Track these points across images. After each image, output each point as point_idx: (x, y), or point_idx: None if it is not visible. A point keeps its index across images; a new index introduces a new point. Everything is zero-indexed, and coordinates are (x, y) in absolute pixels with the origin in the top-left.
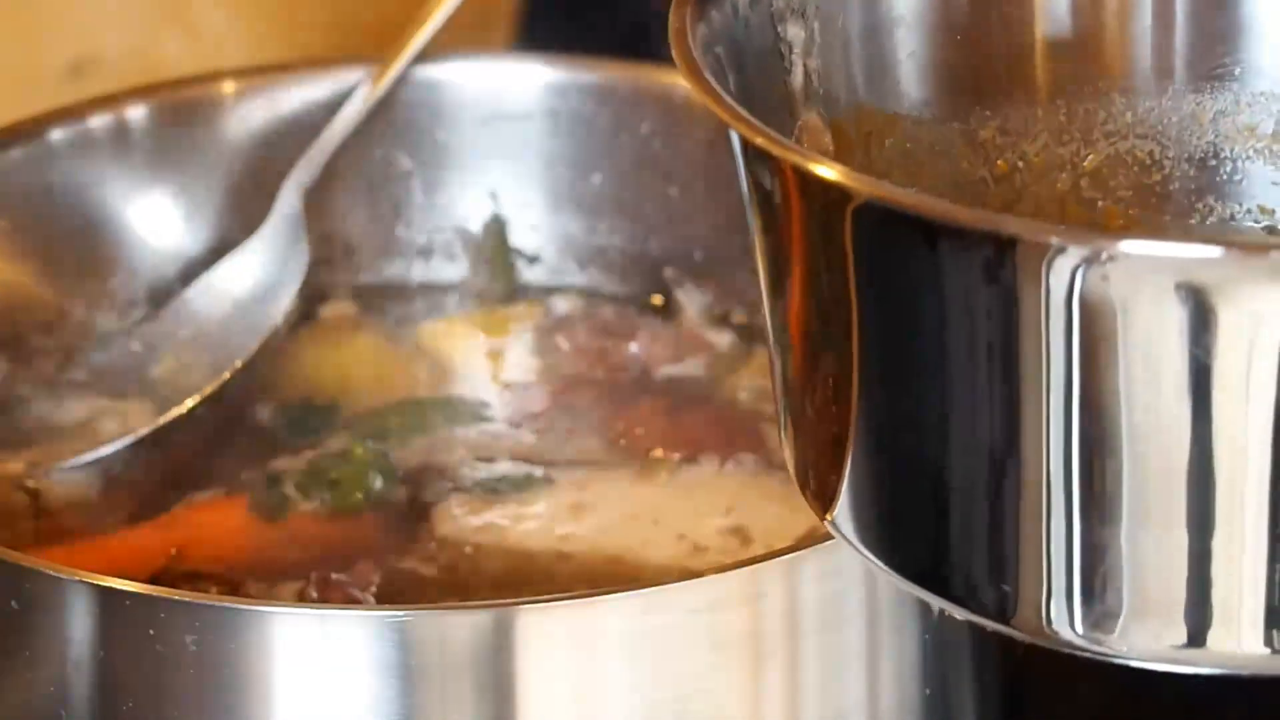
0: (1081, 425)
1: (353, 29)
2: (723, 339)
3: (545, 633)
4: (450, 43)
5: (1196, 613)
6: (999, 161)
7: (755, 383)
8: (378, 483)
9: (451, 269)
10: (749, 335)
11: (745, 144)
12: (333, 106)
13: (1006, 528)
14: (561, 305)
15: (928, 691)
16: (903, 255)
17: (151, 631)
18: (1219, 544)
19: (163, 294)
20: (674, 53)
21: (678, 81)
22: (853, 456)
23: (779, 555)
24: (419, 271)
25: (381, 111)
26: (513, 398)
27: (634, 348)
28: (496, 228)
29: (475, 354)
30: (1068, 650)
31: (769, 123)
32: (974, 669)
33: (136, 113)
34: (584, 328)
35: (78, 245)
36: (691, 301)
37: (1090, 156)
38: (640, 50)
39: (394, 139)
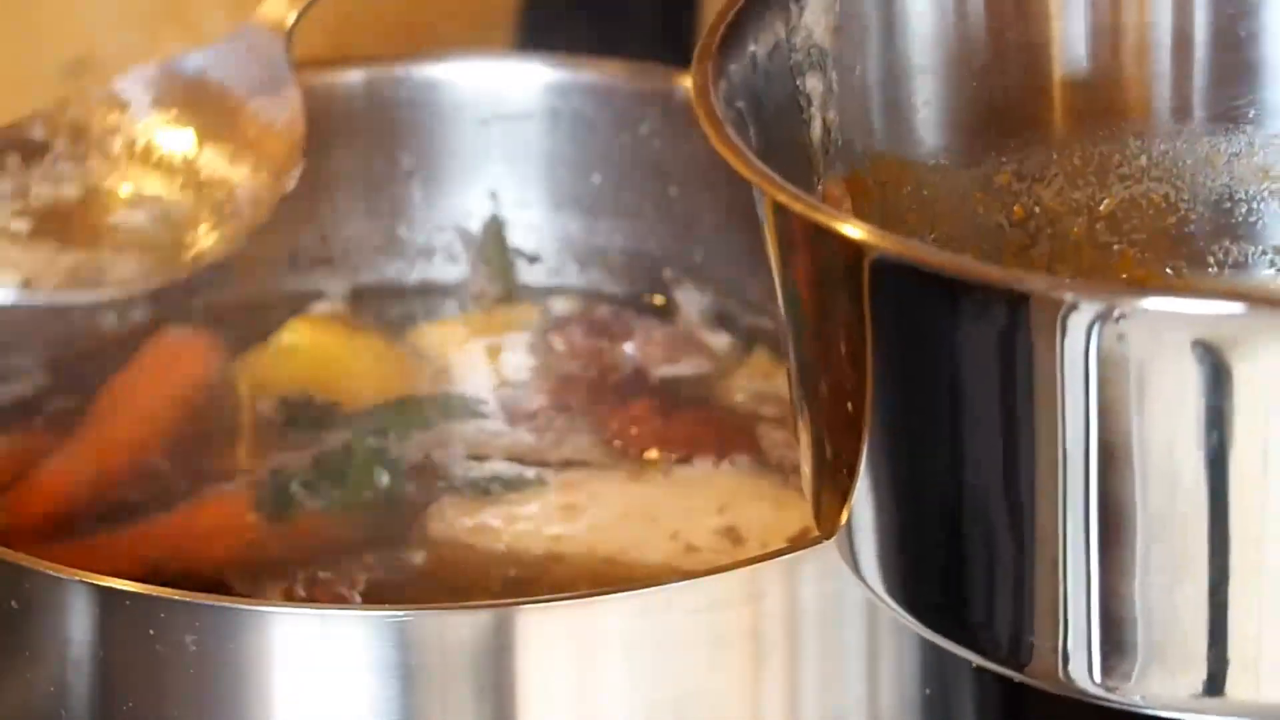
0: (1099, 478)
1: (353, 29)
2: (720, 340)
3: (545, 633)
4: (450, 43)
5: (1215, 662)
6: (1015, 207)
7: (752, 384)
8: (374, 479)
9: (451, 269)
10: (747, 336)
11: (768, 199)
12: (333, 106)
13: (1025, 580)
14: (560, 306)
15: (928, 691)
16: (919, 309)
17: (151, 631)
18: (1236, 595)
19: (162, 294)
20: (697, 108)
21: (678, 82)
22: (872, 505)
23: (779, 555)
24: (419, 271)
25: (381, 111)
26: (510, 397)
27: (631, 348)
28: (496, 228)
29: (474, 354)
30: (1085, 699)
31: (789, 174)
32: (974, 669)
33: None
34: (582, 328)
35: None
36: (691, 302)
37: (1105, 200)
38: (640, 50)
39: (394, 139)
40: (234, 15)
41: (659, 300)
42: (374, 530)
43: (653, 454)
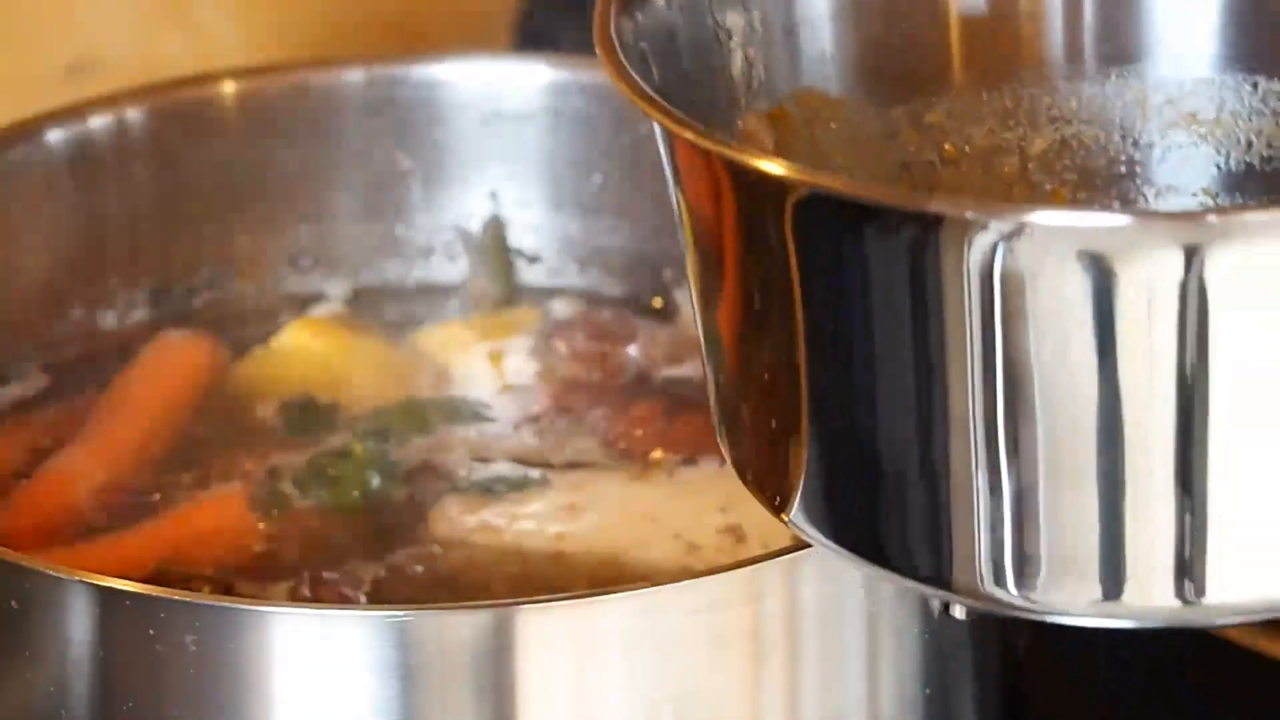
0: (1004, 392)
1: (353, 29)
2: None
3: (545, 633)
4: (450, 43)
5: (1111, 568)
6: (946, 146)
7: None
8: (375, 481)
9: (451, 269)
10: None
11: (670, 138)
12: (333, 106)
13: (939, 495)
14: (562, 307)
15: (928, 691)
16: (822, 234)
17: (151, 631)
18: (1129, 501)
19: (163, 294)
20: (597, 47)
21: None
22: (793, 442)
23: (779, 555)
24: (419, 272)
25: (381, 111)
26: (512, 399)
27: (633, 350)
28: (496, 228)
29: (475, 357)
30: (1003, 611)
31: (708, 111)
32: (974, 669)
33: (136, 113)
34: (584, 330)
35: (78, 245)
36: (691, 302)
37: (1037, 141)
38: None
39: (394, 139)
40: (234, 15)
41: (659, 301)
42: (378, 531)
43: (656, 455)
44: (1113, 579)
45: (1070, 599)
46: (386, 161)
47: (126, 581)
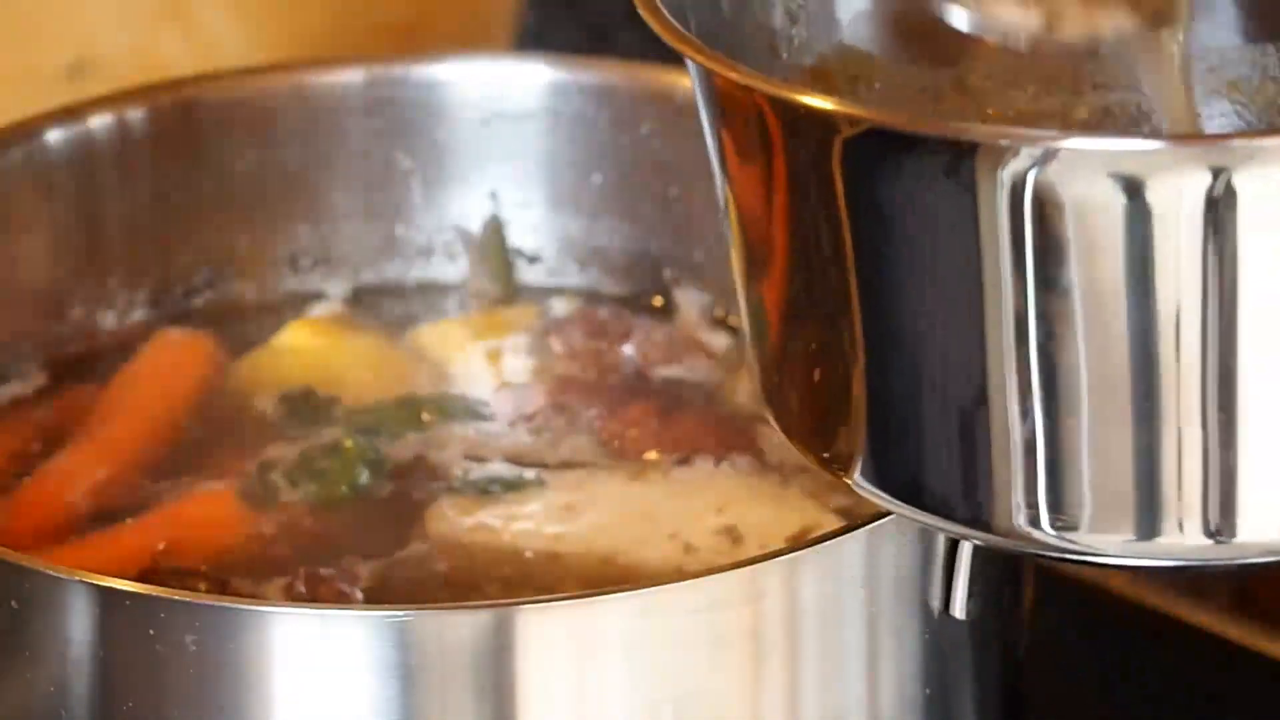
0: (1040, 329)
1: (353, 29)
2: (720, 340)
3: (545, 633)
4: (450, 43)
5: (1146, 506)
6: (989, 109)
7: (752, 384)
8: (364, 476)
9: (451, 269)
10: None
11: (710, 79)
12: (333, 106)
13: (979, 436)
14: (560, 306)
15: (928, 691)
16: (872, 170)
17: (151, 631)
18: (1163, 435)
19: (163, 294)
20: None
21: (678, 81)
22: (837, 387)
23: (779, 555)
24: (418, 271)
25: (381, 111)
26: (509, 398)
27: (630, 349)
28: (496, 228)
29: (473, 355)
30: (1040, 552)
31: (750, 63)
32: (974, 669)
33: (136, 113)
34: (581, 329)
35: (78, 245)
36: (691, 302)
37: (1080, 107)
38: (640, 50)
39: (394, 139)
40: (234, 15)
41: (659, 301)
42: (373, 527)
43: (652, 455)
44: (1148, 518)
45: (1106, 539)
46: (386, 161)
47: (126, 581)
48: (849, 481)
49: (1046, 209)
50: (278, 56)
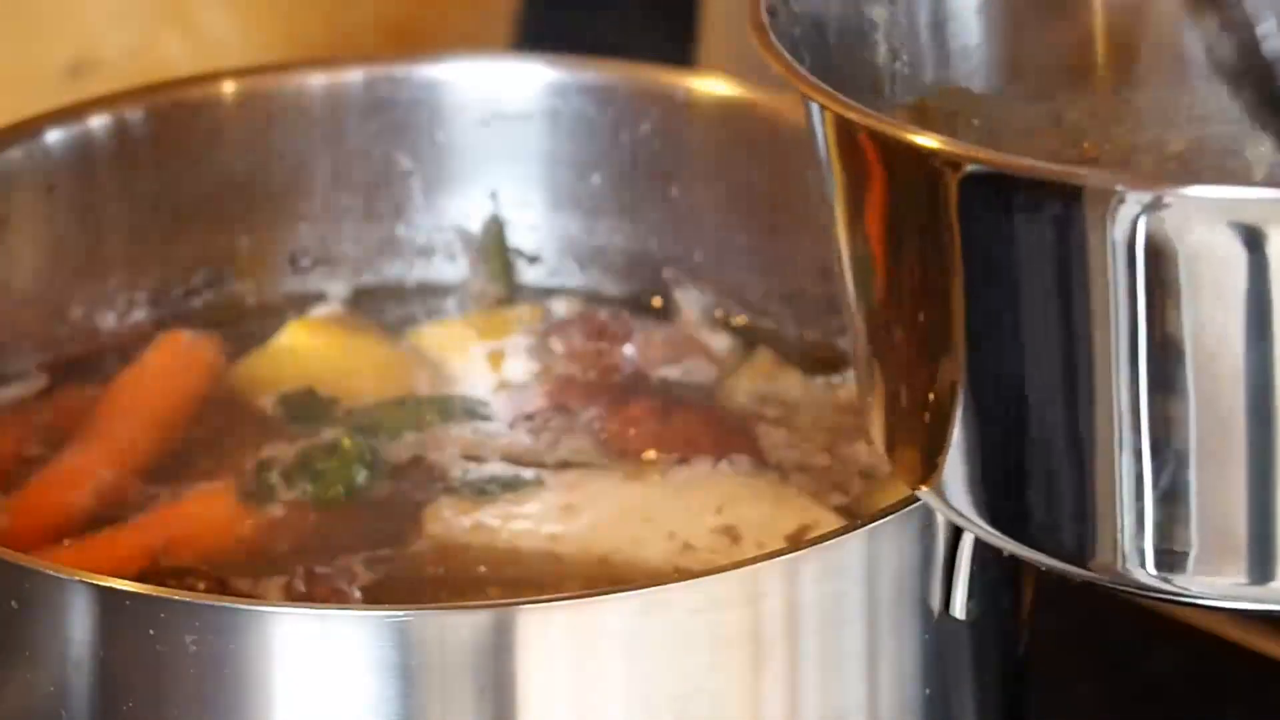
0: (1150, 370)
1: (353, 29)
2: (721, 341)
3: (545, 633)
4: (450, 43)
5: (1259, 550)
6: (1085, 144)
7: (752, 385)
8: (361, 476)
9: (451, 269)
10: (747, 337)
11: (828, 117)
12: (333, 106)
13: (1084, 475)
14: (560, 307)
15: (928, 691)
16: (979, 209)
17: (151, 631)
18: (1277, 480)
19: (163, 294)
20: (751, 31)
21: (677, 81)
22: (934, 409)
23: (779, 555)
24: (419, 272)
25: (381, 111)
26: (508, 398)
27: (630, 350)
28: (496, 228)
29: (474, 356)
30: (1142, 593)
31: (855, 99)
32: (974, 669)
33: (136, 113)
34: (581, 330)
35: (78, 245)
36: (691, 302)
37: (1175, 141)
38: (640, 50)
39: (394, 139)
40: (234, 15)
41: (659, 301)
42: (371, 527)
43: (650, 455)
44: (1261, 562)
45: (1214, 582)
46: (386, 161)
47: (126, 581)
48: (955, 515)
49: (1160, 255)
50: (278, 56)
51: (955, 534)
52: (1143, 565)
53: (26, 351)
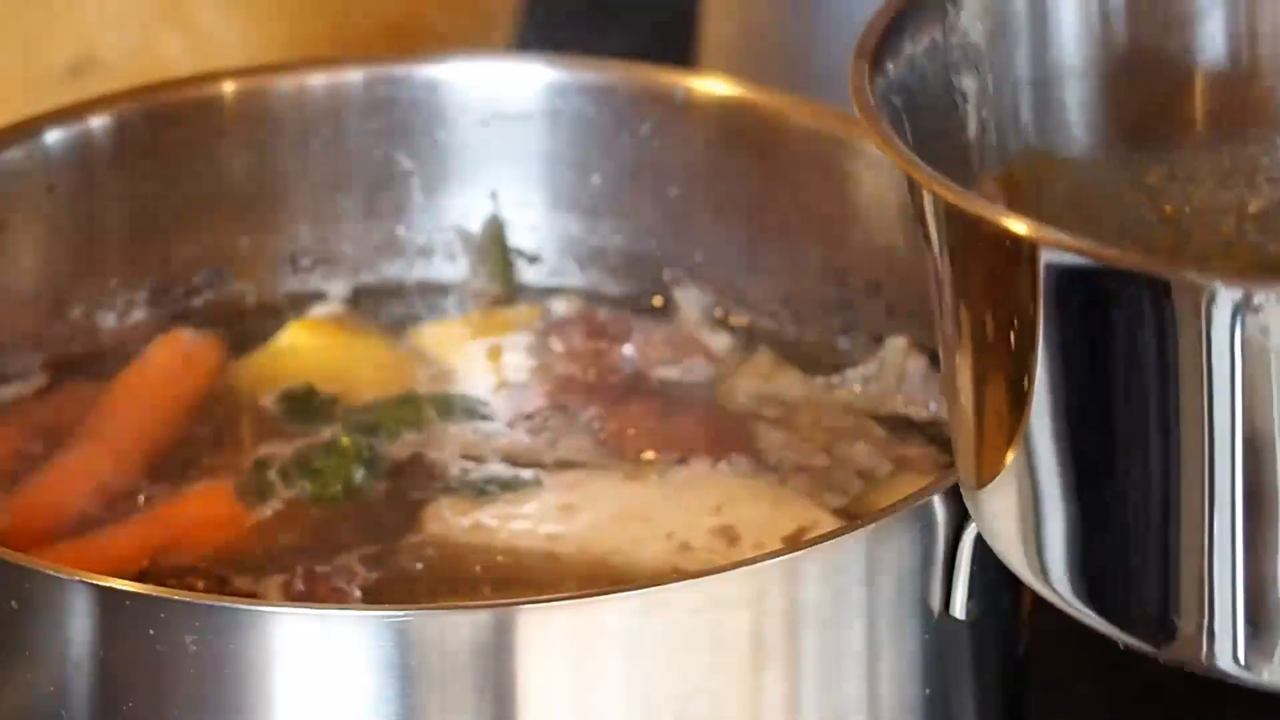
0: (1243, 462)
1: (353, 29)
2: (720, 341)
3: (545, 633)
4: (450, 43)
5: None
6: (1165, 206)
7: (752, 385)
8: (359, 475)
9: (451, 269)
10: (747, 337)
11: (928, 196)
12: (333, 106)
13: (1171, 561)
14: (560, 306)
15: (928, 691)
16: (1072, 297)
17: (151, 631)
18: None
19: (163, 294)
20: (856, 106)
21: (677, 81)
22: (1022, 485)
23: (779, 555)
24: (419, 271)
25: (381, 111)
26: (507, 397)
27: (630, 350)
28: (496, 228)
29: (473, 355)
30: (1222, 679)
31: (945, 171)
32: (974, 669)
33: (136, 113)
34: (581, 329)
35: (78, 245)
36: (691, 302)
37: (1254, 201)
38: (640, 50)
39: (394, 139)
40: (234, 15)
41: (659, 301)
42: (370, 526)
43: (649, 455)
44: None
45: None
46: (386, 161)
47: (126, 581)
48: (1046, 589)
49: (1250, 347)
50: (278, 56)
51: (955, 534)
52: (1231, 655)
53: (26, 351)
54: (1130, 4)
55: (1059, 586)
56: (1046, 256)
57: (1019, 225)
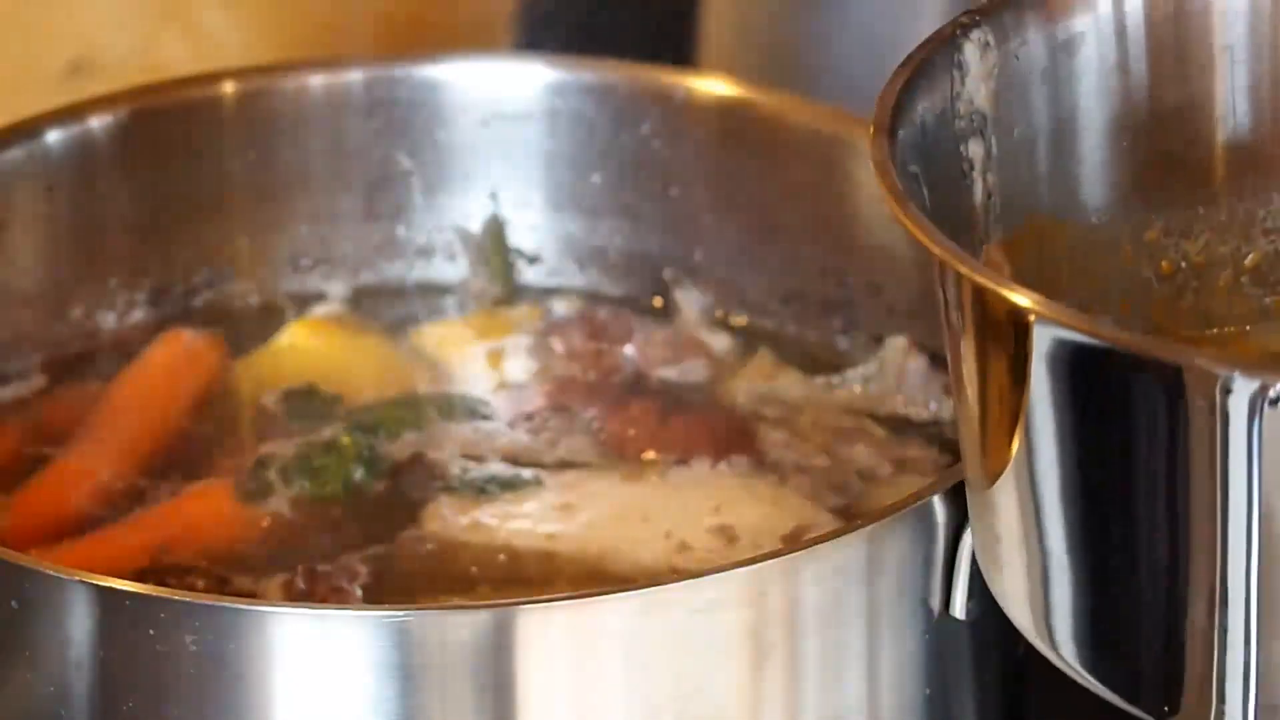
0: (1259, 549)
1: (353, 29)
2: (721, 341)
3: (545, 633)
4: (450, 43)
5: None
6: (1163, 261)
7: (752, 385)
8: (359, 474)
9: (451, 269)
10: (747, 337)
11: (952, 274)
12: (333, 106)
13: (1182, 643)
14: (560, 306)
15: (928, 691)
16: (1083, 377)
17: (151, 631)
18: None
19: (163, 294)
20: (880, 182)
21: (677, 81)
22: (1032, 555)
23: (779, 555)
24: (419, 271)
25: (381, 111)
26: (507, 397)
27: (630, 350)
28: (496, 228)
29: (473, 355)
30: None
31: (953, 238)
32: (974, 669)
33: (136, 113)
34: (581, 330)
35: (78, 245)
36: (691, 302)
37: (1250, 254)
38: (640, 50)
39: (394, 139)
40: (234, 15)
41: (659, 301)
42: (370, 525)
43: (649, 455)
44: None
45: None
46: (386, 161)
47: (126, 581)
48: (1061, 661)
49: (1263, 438)
50: (278, 56)
51: (955, 534)
52: None
53: (26, 351)
54: (1148, 60)
55: (1067, 656)
56: (1052, 333)
57: (1023, 299)
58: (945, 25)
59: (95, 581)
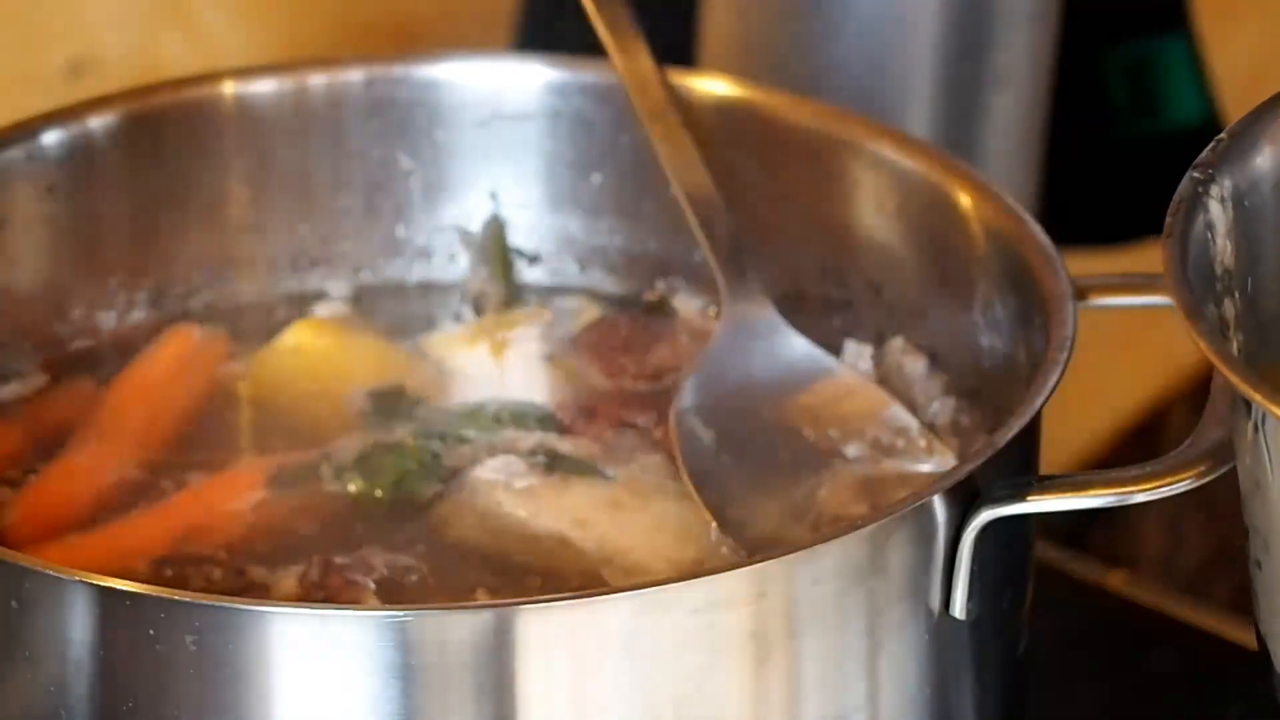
0: None
1: (353, 29)
2: None
3: (545, 633)
4: (450, 43)
5: None
6: None
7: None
8: (413, 476)
9: (451, 269)
10: None
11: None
12: (333, 106)
13: None
14: (567, 306)
15: (928, 691)
16: None
17: (151, 631)
18: None
19: (163, 294)
20: (1195, 335)
21: (678, 81)
22: None
23: (779, 555)
24: (419, 271)
25: (381, 111)
26: (514, 399)
27: (643, 353)
28: (496, 228)
29: (479, 357)
30: None
31: None
32: (974, 669)
33: (136, 113)
34: (597, 335)
35: (78, 245)
36: (690, 302)
37: None
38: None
39: (394, 139)
40: (234, 15)
41: (659, 301)
42: (399, 521)
43: (657, 457)
44: None
45: None
46: (386, 161)
47: (126, 581)
48: None
49: None
50: (278, 56)
51: (955, 534)
52: None
53: (26, 351)
54: None
55: None
56: None
57: None
58: (1185, 183)
59: (95, 581)
